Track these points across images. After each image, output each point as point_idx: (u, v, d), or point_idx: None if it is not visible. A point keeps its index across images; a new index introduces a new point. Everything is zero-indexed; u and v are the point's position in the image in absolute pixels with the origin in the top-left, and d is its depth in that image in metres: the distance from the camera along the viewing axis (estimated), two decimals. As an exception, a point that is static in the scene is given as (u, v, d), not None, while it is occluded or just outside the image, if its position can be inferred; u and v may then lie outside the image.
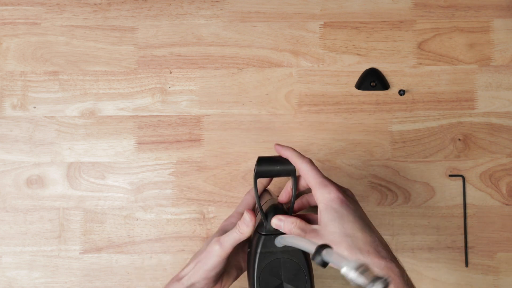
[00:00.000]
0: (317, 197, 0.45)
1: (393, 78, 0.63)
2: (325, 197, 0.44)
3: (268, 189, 0.56)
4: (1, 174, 0.62)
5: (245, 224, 0.46)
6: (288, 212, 0.47)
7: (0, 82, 0.63)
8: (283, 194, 0.49)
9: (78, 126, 0.62)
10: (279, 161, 0.48)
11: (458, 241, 0.61)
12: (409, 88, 0.62)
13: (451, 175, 0.61)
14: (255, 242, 0.46)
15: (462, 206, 0.61)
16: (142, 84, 0.63)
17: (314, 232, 0.44)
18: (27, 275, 0.61)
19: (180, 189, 0.62)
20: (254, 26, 0.63)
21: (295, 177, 0.48)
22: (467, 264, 0.60)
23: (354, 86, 0.62)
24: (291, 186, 0.48)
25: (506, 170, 0.61)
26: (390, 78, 0.63)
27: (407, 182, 0.62)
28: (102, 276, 0.61)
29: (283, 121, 0.62)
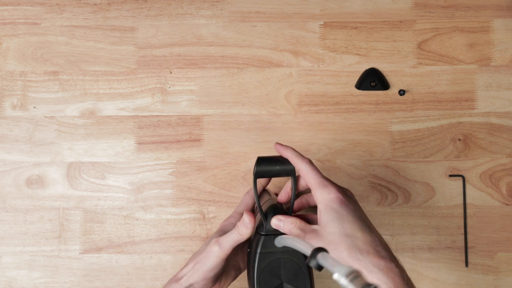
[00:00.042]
0: (316, 197, 0.45)
1: (393, 78, 0.62)
2: (324, 197, 0.44)
3: (267, 189, 0.55)
4: (1, 174, 0.62)
5: (244, 226, 0.46)
6: (287, 212, 0.47)
7: (0, 82, 0.63)
8: (282, 194, 0.49)
9: (78, 126, 0.62)
10: (279, 161, 0.48)
11: (458, 241, 0.61)
12: (409, 88, 0.62)
13: (451, 175, 0.61)
14: (255, 242, 0.46)
15: (462, 206, 0.61)
16: (142, 84, 0.63)
17: (313, 232, 0.44)
18: (27, 275, 0.61)
19: (180, 189, 0.62)
20: (254, 26, 0.63)
21: (295, 177, 0.48)
22: (467, 264, 0.60)
23: (354, 86, 0.62)
24: (290, 186, 0.48)
25: (506, 170, 0.61)
26: (390, 78, 0.62)
27: (407, 182, 0.61)
28: (102, 276, 0.61)
29: (283, 121, 0.62)
